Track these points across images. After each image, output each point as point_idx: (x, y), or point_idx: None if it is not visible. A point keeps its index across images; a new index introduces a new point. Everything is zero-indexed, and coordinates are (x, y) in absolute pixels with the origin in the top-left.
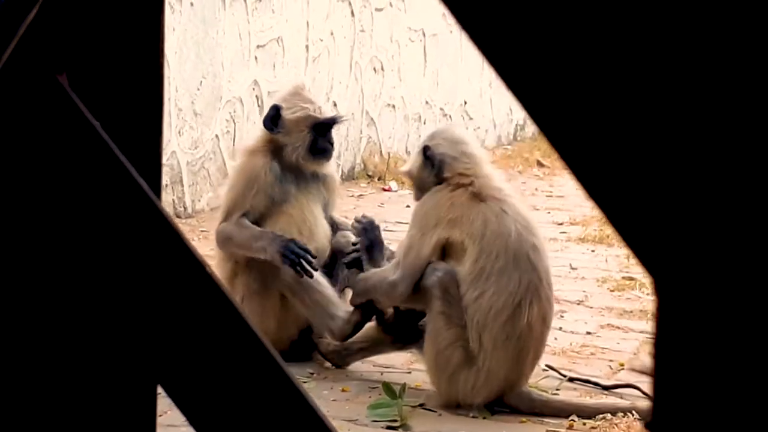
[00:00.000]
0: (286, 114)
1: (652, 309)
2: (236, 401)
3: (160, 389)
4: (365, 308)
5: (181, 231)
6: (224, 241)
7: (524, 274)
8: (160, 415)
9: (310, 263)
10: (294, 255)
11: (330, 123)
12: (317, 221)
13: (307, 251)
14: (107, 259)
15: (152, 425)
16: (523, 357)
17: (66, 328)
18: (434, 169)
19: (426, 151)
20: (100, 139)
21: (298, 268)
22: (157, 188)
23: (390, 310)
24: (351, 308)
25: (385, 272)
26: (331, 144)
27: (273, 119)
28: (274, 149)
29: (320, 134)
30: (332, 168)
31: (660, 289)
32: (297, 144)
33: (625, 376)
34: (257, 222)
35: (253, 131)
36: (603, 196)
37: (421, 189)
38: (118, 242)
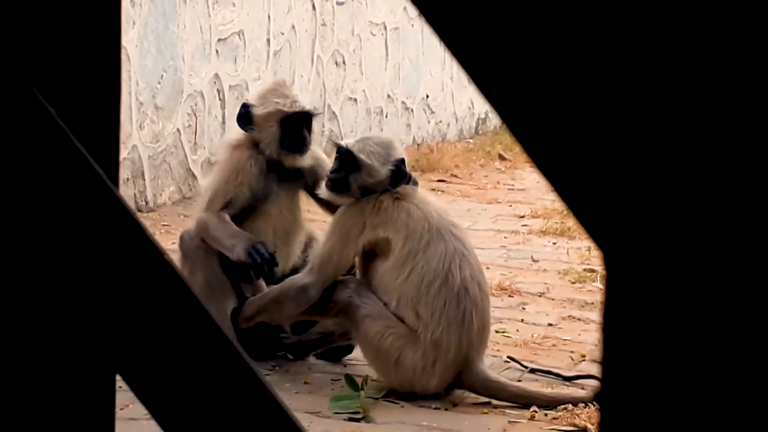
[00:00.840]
0: (256, 110)
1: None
2: (198, 392)
3: (120, 382)
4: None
5: (139, 219)
6: (202, 230)
7: (448, 243)
8: (122, 408)
9: (270, 268)
10: (258, 255)
11: (299, 116)
12: (293, 224)
13: (272, 257)
14: (65, 246)
15: (111, 415)
16: (468, 322)
17: (23, 316)
18: (391, 181)
19: (401, 164)
20: (57, 126)
21: (258, 270)
22: (114, 176)
23: (285, 324)
24: None
25: (287, 282)
26: (304, 137)
27: (244, 117)
28: (256, 145)
29: (291, 128)
30: (320, 155)
31: (609, 262)
32: (268, 139)
33: (586, 367)
34: (236, 218)
35: (215, 125)
36: (551, 168)
37: (350, 196)
38: (75, 230)
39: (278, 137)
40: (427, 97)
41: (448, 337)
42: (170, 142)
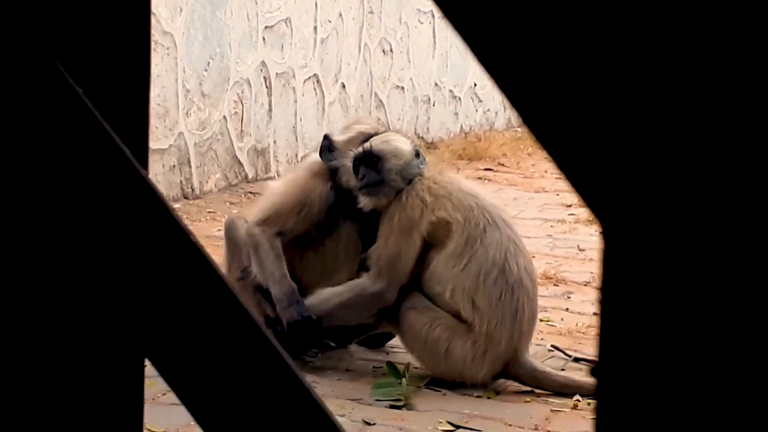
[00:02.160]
0: (337, 138)
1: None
2: (226, 377)
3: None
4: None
5: (168, 202)
6: (250, 246)
7: (502, 231)
8: (164, 394)
9: (309, 348)
10: (299, 332)
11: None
12: (344, 264)
13: (314, 339)
14: (92, 230)
15: (140, 399)
16: (520, 314)
17: (53, 301)
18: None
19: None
20: (85, 107)
21: (295, 344)
22: (144, 158)
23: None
24: None
25: (355, 289)
26: (375, 178)
27: (326, 148)
28: (333, 176)
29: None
30: (394, 208)
31: (607, 234)
32: (347, 165)
33: None
34: (293, 239)
35: (261, 113)
36: (550, 139)
37: (390, 190)
38: (103, 213)
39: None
40: (475, 85)
41: (501, 329)
42: (216, 130)
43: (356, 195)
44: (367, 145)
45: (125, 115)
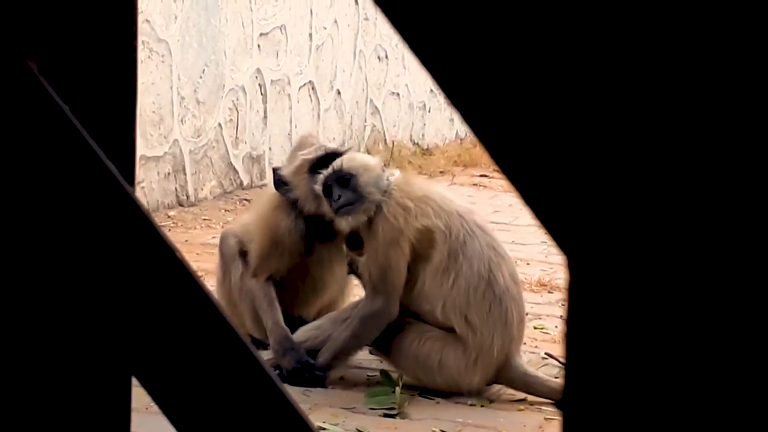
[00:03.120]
0: (285, 170)
1: (564, 289)
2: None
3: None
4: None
5: (153, 218)
6: (249, 297)
7: (481, 239)
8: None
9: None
10: (299, 378)
11: (326, 159)
12: (330, 283)
13: (314, 380)
14: (77, 247)
15: (127, 417)
16: (509, 321)
17: (38, 318)
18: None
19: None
20: (69, 123)
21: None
22: (130, 174)
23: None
24: None
25: (358, 316)
26: (351, 196)
27: (279, 182)
28: (294, 205)
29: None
30: (377, 222)
31: (572, 268)
32: (304, 195)
33: None
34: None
35: (256, 120)
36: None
37: (367, 206)
38: (88, 230)
39: (311, 188)
40: None
41: (493, 339)
42: (211, 137)
43: (331, 218)
44: (336, 164)
45: (111, 128)
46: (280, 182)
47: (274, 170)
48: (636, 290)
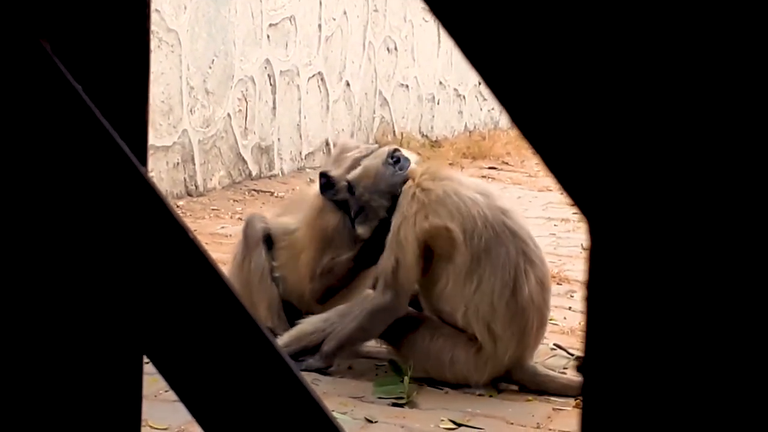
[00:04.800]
0: (333, 172)
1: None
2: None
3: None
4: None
5: (165, 198)
6: (326, 295)
7: (510, 244)
8: (166, 391)
9: None
10: None
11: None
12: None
13: None
14: (90, 225)
15: (138, 396)
16: (528, 330)
17: (50, 297)
18: (395, 164)
19: (394, 151)
20: (83, 103)
21: None
22: (143, 155)
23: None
24: None
25: (365, 307)
26: (356, 205)
27: (326, 185)
28: (341, 208)
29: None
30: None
31: (594, 232)
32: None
33: None
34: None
35: (265, 110)
36: (537, 135)
37: (380, 209)
38: (101, 209)
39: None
40: (480, 84)
41: (509, 346)
42: (221, 127)
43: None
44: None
45: (124, 110)
46: (327, 185)
47: (322, 174)
48: (657, 254)
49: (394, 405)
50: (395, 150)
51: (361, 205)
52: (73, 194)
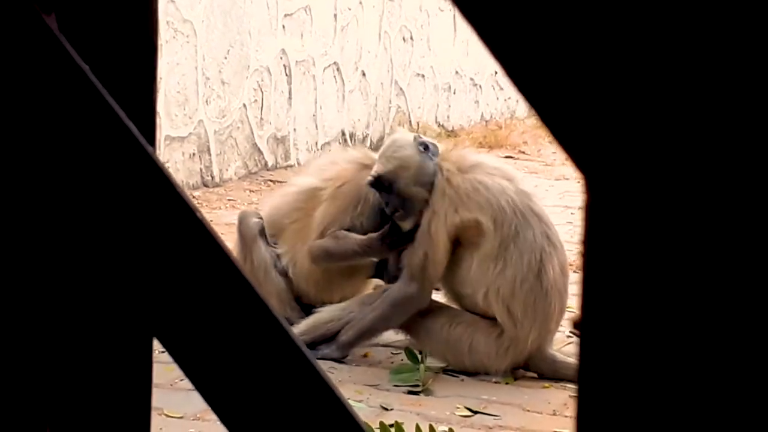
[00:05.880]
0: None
1: (582, 210)
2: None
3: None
4: None
5: (174, 179)
6: (321, 257)
7: (536, 228)
8: (182, 380)
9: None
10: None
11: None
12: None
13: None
14: (97, 207)
15: (148, 378)
16: (551, 314)
17: (56, 279)
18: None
19: (418, 137)
20: (90, 83)
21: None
22: (151, 136)
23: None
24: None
25: (390, 298)
26: (396, 201)
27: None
28: None
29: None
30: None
31: (591, 187)
32: None
33: None
34: None
35: (281, 101)
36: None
37: (417, 202)
38: (108, 190)
39: None
40: (496, 73)
41: (531, 332)
42: (236, 118)
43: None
44: (375, 169)
45: (132, 91)
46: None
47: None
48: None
49: (410, 393)
50: (418, 136)
51: (403, 199)
52: (80, 174)
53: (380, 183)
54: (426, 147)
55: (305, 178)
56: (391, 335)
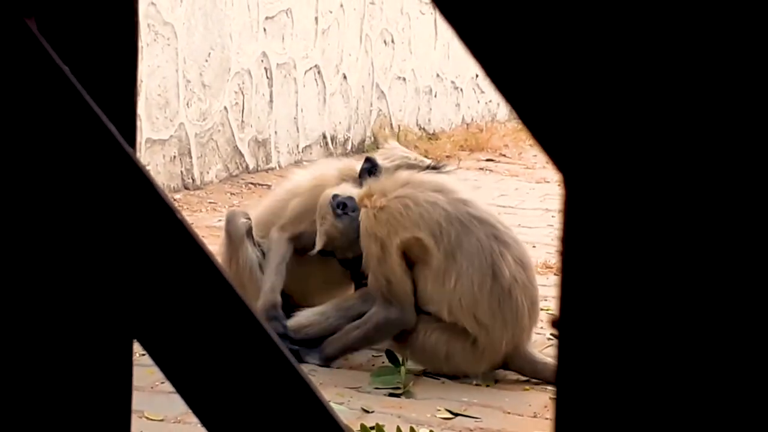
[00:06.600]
0: (383, 162)
1: (561, 208)
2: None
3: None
4: None
5: (154, 180)
6: (269, 248)
7: (479, 231)
8: (163, 383)
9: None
10: (272, 321)
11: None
12: (339, 288)
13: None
14: (77, 208)
15: (128, 380)
16: (520, 311)
17: (40, 281)
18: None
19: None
20: (70, 86)
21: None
22: (131, 137)
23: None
24: None
25: (374, 319)
26: None
27: (369, 171)
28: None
29: None
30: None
31: (569, 187)
32: None
33: None
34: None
35: (262, 104)
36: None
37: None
38: (89, 192)
39: None
40: (477, 76)
41: (503, 332)
42: (217, 120)
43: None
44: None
45: (112, 94)
46: (371, 170)
47: (368, 158)
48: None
49: (391, 395)
50: (334, 196)
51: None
52: (60, 175)
53: (323, 251)
54: (344, 206)
55: (295, 180)
56: None
